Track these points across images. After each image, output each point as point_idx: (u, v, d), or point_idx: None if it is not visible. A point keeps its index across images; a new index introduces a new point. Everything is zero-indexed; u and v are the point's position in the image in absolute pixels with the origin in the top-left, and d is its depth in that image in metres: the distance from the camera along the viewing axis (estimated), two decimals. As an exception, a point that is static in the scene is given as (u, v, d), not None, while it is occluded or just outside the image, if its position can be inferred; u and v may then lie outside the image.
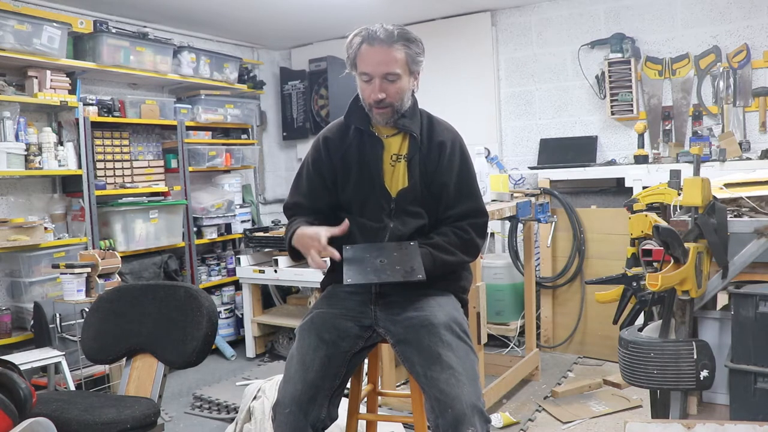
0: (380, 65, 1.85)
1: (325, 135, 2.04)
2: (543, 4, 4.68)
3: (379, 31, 1.85)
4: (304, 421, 1.73)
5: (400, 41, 1.85)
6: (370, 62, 1.85)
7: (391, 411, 3.25)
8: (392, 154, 1.98)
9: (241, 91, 5.09)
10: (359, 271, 1.80)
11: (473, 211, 1.97)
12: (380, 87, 1.86)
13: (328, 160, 2.00)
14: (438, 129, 2.00)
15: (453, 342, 1.78)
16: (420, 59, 1.90)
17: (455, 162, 1.97)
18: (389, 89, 1.87)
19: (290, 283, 4.51)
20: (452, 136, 2.00)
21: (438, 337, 1.77)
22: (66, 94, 3.77)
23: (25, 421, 1.71)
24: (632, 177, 4.02)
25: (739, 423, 1.79)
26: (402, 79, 1.88)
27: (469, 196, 1.98)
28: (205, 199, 4.70)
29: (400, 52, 1.86)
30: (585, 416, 3.15)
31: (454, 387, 1.67)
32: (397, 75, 1.86)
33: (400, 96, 1.89)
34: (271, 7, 4.42)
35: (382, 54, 1.84)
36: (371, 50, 1.85)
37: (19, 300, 3.62)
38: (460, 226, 1.94)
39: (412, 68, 1.90)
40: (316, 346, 1.83)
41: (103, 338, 2.36)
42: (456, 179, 1.96)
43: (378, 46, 1.85)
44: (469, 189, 1.98)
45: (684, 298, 1.97)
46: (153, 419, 2.08)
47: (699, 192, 1.98)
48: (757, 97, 3.98)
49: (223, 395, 3.54)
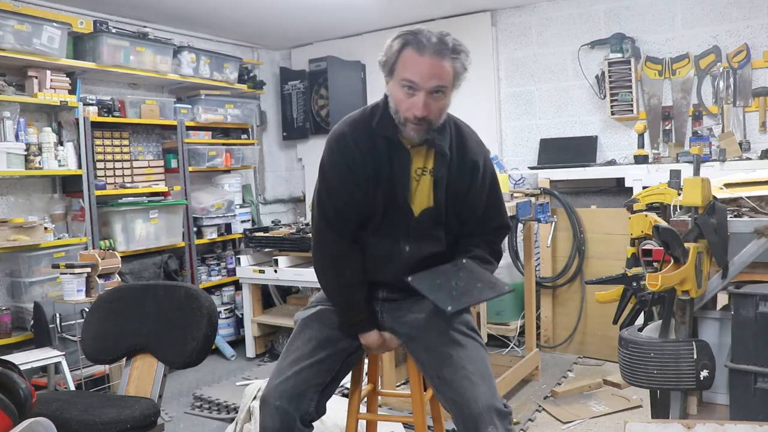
0: (431, 78, 1.66)
1: (355, 139, 1.78)
2: (543, 4, 4.68)
3: (431, 38, 1.66)
4: (293, 414, 1.74)
5: (453, 52, 1.67)
6: (418, 72, 1.66)
7: (391, 411, 3.25)
8: (417, 167, 1.81)
9: (241, 91, 5.09)
10: (454, 297, 1.70)
11: (500, 227, 1.93)
12: (425, 102, 1.67)
13: (363, 169, 1.77)
14: (469, 145, 1.84)
15: (462, 340, 1.77)
16: (463, 78, 1.73)
17: (486, 183, 1.86)
18: (432, 106, 1.69)
19: (290, 283, 4.50)
20: (483, 152, 1.87)
21: (447, 337, 1.77)
22: (66, 94, 3.76)
23: (25, 421, 1.71)
24: (632, 177, 4.02)
25: (739, 423, 1.79)
26: (447, 95, 1.71)
27: (497, 214, 1.92)
28: (205, 199, 4.70)
29: (450, 65, 1.68)
30: (585, 416, 3.15)
31: (468, 388, 1.67)
32: (445, 90, 1.69)
33: (440, 114, 1.73)
34: (271, 7, 4.42)
35: (433, 65, 1.65)
36: (420, 60, 1.66)
37: (19, 300, 3.62)
38: (489, 239, 1.90)
39: (456, 83, 1.73)
40: (315, 343, 1.83)
41: (103, 338, 2.36)
42: (486, 201, 1.87)
43: (429, 57, 1.65)
44: (498, 207, 1.92)
45: (684, 298, 1.97)
46: (153, 419, 2.08)
47: (699, 192, 1.98)
48: (757, 97, 3.98)
49: (223, 395, 3.54)
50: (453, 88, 1.72)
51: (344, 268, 1.84)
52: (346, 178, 1.79)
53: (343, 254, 1.84)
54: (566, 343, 4.20)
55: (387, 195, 1.78)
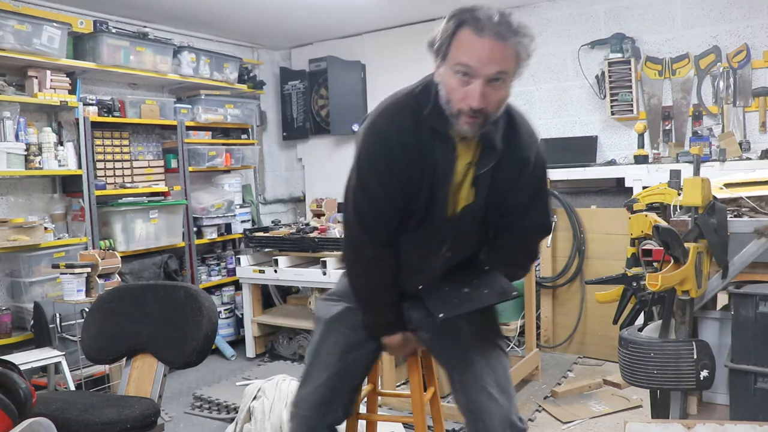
0: (491, 63, 1.43)
1: (398, 133, 1.56)
2: (543, 4, 4.68)
3: (492, 16, 1.42)
4: (320, 424, 1.75)
5: (517, 34, 1.44)
6: (476, 56, 1.43)
7: (391, 411, 3.25)
8: (465, 162, 1.61)
9: (241, 91, 5.09)
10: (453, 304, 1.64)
11: (541, 227, 1.76)
12: (482, 92, 1.44)
13: (407, 170, 1.56)
14: (521, 137, 1.62)
15: (487, 348, 1.73)
16: (529, 59, 1.50)
17: (533, 180, 1.66)
18: (491, 96, 1.46)
19: (290, 283, 4.50)
20: (535, 145, 1.65)
21: (472, 343, 1.73)
22: (66, 94, 3.76)
23: (25, 421, 1.71)
24: (632, 177, 4.02)
25: (739, 423, 1.79)
26: (507, 83, 1.49)
27: (539, 212, 1.71)
28: (205, 199, 4.70)
29: (513, 49, 1.44)
30: (585, 416, 3.15)
31: (485, 401, 1.66)
32: (505, 77, 1.47)
33: (499, 105, 1.50)
34: (271, 7, 4.42)
35: (494, 49, 1.42)
36: (479, 42, 1.42)
37: (19, 300, 3.61)
38: (524, 239, 1.74)
39: (519, 68, 1.50)
40: (343, 348, 1.77)
41: (103, 338, 2.37)
42: (531, 197, 1.67)
43: (489, 38, 1.42)
44: (541, 206, 1.72)
45: (684, 298, 1.97)
46: (153, 419, 2.08)
47: (699, 192, 1.98)
48: (757, 97, 3.98)
49: (223, 395, 3.54)
50: (514, 76, 1.49)
51: (376, 272, 1.69)
52: (385, 178, 1.58)
53: (377, 258, 1.68)
54: (566, 343, 4.20)
55: (429, 194, 1.59)
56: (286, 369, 4.00)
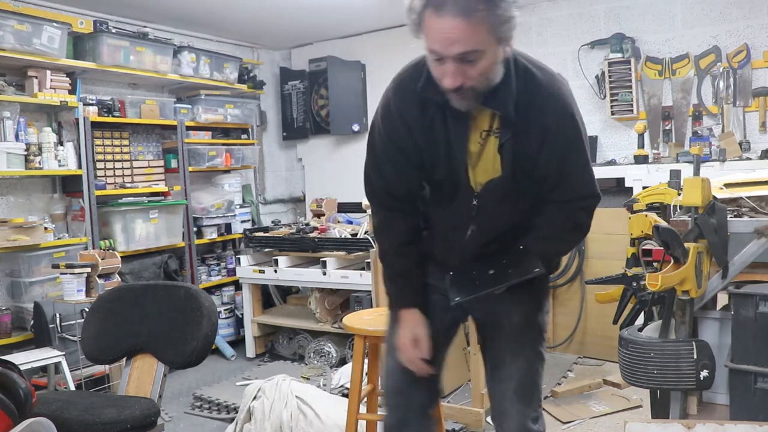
0: (454, 44, 1.33)
1: (398, 107, 1.54)
2: (543, 4, 4.68)
3: None
4: (408, 410, 1.78)
5: (482, 3, 1.31)
6: (438, 39, 1.35)
7: (391, 411, 3.24)
8: (482, 130, 1.52)
9: (241, 91, 5.09)
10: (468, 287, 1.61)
11: (587, 196, 1.60)
12: (455, 71, 1.37)
13: (411, 139, 1.55)
14: (540, 99, 1.48)
15: (520, 350, 1.70)
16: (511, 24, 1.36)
17: (559, 148, 1.50)
18: (469, 72, 1.37)
19: (290, 283, 4.51)
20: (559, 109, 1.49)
21: (507, 342, 1.71)
22: (66, 94, 3.76)
23: (25, 421, 1.71)
24: (632, 177, 4.02)
25: (739, 423, 1.79)
26: (486, 55, 1.36)
27: (576, 183, 1.57)
28: (205, 199, 4.70)
29: (481, 22, 1.32)
30: (585, 416, 3.15)
31: (508, 402, 1.68)
32: (478, 53, 1.35)
33: (485, 77, 1.40)
34: (271, 7, 4.42)
35: (454, 29, 1.32)
36: (439, 23, 1.32)
37: (19, 300, 3.61)
38: (569, 209, 1.59)
39: (500, 35, 1.36)
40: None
41: (103, 338, 2.37)
42: (561, 168, 1.53)
43: (448, 17, 1.31)
44: (577, 175, 1.56)
45: (684, 298, 1.97)
46: (153, 419, 2.08)
47: (699, 192, 1.98)
48: (757, 97, 3.98)
49: (223, 395, 3.54)
50: (496, 43, 1.37)
51: (385, 237, 1.71)
52: (389, 150, 1.58)
53: (384, 223, 1.70)
54: (566, 343, 4.20)
55: (449, 166, 1.54)
56: (286, 369, 4.01)
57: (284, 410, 2.74)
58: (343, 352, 4.02)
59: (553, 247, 1.65)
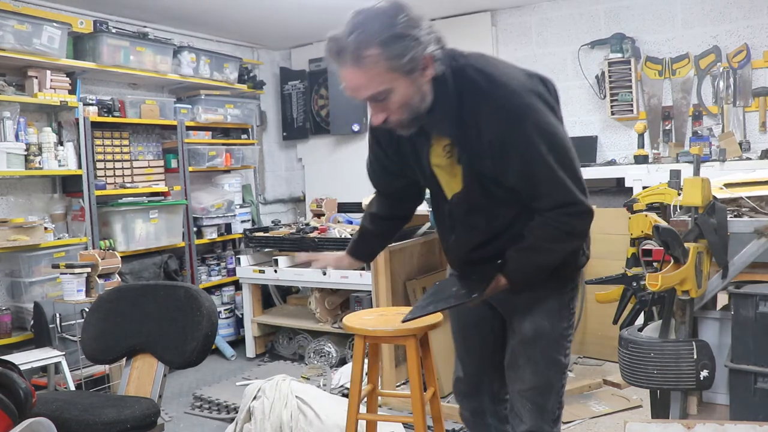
0: (357, 91, 1.46)
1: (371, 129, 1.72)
2: (543, 4, 4.68)
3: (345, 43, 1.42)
4: (477, 401, 1.93)
5: (369, 49, 1.39)
6: (348, 88, 1.47)
7: (391, 411, 3.25)
8: (444, 144, 1.58)
9: (241, 91, 5.09)
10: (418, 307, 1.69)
11: (560, 204, 1.52)
12: (375, 109, 1.49)
13: (384, 153, 1.72)
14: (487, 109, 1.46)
15: (533, 356, 1.70)
16: (411, 55, 1.40)
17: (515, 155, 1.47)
18: (387, 107, 1.47)
19: (290, 283, 4.50)
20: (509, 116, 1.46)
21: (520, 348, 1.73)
22: (66, 94, 3.76)
23: (25, 421, 1.71)
24: (632, 177, 4.02)
25: (739, 423, 1.79)
26: (396, 90, 1.44)
27: (552, 189, 1.51)
28: (205, 199, 4.70)
29: (374, 66, 1.40)
30: (585, 416, 3.15)
31: (520, 404, 1.74)
32: (384, 92, 1.44)
33: (405, 108, 1.47)
34: (271, 7, 4.42)
35: (353, 78, 1.44)
36: (343, 72, 1.45)
37: (19, 300, 3.61)
38: (552, 218, 1.54)
39: (405, 69, 1.42)
40: (463, 335, 1.91)
41: (103, 338, 2.36)
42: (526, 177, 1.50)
43: (346, 68, 1.43)
44: (549, 180, 1.49)
45: (684, 298, 1.97)
46: (153, 419, 2.08)
47: (699, 192, 1.97)
48: (757, 97, 3.98)
49: (223, 395, 3.54)
50: (408, 74, 1.42)
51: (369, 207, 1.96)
52: (375, 149, 1.76)
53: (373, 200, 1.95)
54: (566, 343, 4.19)
55: (422, 175, 1.67)
56: (286, 369, 4.01)
57: (284, 410, 2.74)
58: (343, 352, 4.02)
59: (536, 258, 1.58)
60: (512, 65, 1.58)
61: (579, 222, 1.57)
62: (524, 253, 1.57)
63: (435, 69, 1.46)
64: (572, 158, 1.54)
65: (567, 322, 1.72)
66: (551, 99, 1.57)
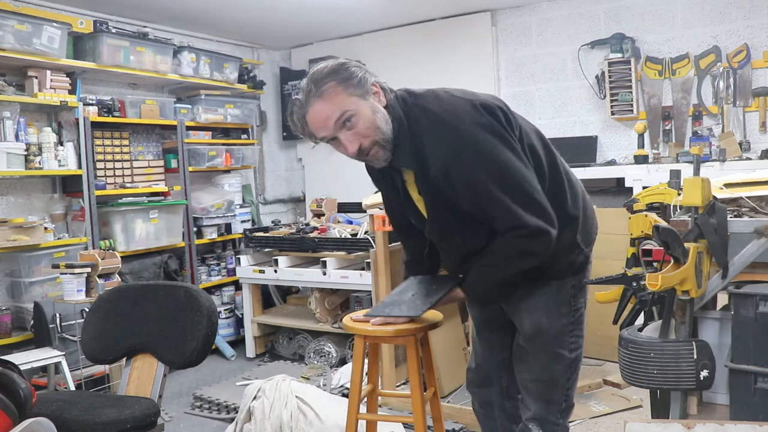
0: (326, 121, 1.61)
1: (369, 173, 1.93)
2: (543, 4, 4.68)
3: (305, 90, 1.62)
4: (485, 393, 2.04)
5: (325, 81, 1.60)
6: (316, 127, 1.64)
7: (391, 411, 3.25)
8: (413, 181, 1.76)
9: (241, 91, 5.09)
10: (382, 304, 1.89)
11: (511, 227, 1.63)
12: (347, 138, 1.62)
13: (385, 194, 1.96)
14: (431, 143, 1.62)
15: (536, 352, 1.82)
16: (359, 77, 1.62)
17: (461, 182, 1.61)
18: (358, 132, 1.61)
19: (290, 283, 4.51)
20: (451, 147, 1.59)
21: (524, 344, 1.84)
22: (66, 94, 3.76)
23: (25, 421, 1.71)
24: (632, 177, 4.02)
25: (739, 423, 1.79)
26: (359, 113, 1.60)
27: (501, 212, 1.61)
28: (205, 199, 4.70)
29: (334, 92, 1.60)
30: (585, 416, 3.15)
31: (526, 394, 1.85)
32: (349, 114, 1.60)
33: (374, 128, 1.62)
34: (271, 7, 4.42)
35: (319, 111, 1.61)
36: (312, 113, 1.62)
37: (19, 300, 3.62)
38: (508, 238, 1.65)
39: (359, 92, 1.61)
40: (478, 329, 2.04)
41: (103, 338, 2.37)
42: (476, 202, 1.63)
43: (313, 106, 1.61)
44: (497, 204, 1.60)
45: (684, 298, 1.97)
46: (153, 419, 2.08)
47: (699, 192, 1.97)
48: (757, 97, 3.98)
49: (223, 395, 3.54)
50: (362, 97, 1.61)
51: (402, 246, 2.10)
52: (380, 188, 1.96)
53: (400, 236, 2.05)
54: (566, 343, 4.19)
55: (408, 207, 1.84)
56: (286, 369, 4.01)
57: (284, 410, 2.74)
58: (343, 352, 4.02)
59: (494, 275, 1.71)
60: (461, 98, 1.65)
61: (531, 243, 1.64)
62: (483, 270, 1.72)
63: (386, 96, 1.66)
64: (520, 182, 1.61)
65: (568, 319, 1.82)
66: (498, 126, 1.62)
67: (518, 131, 1.67)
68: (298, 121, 1.66)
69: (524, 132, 1.70)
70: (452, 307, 3.55)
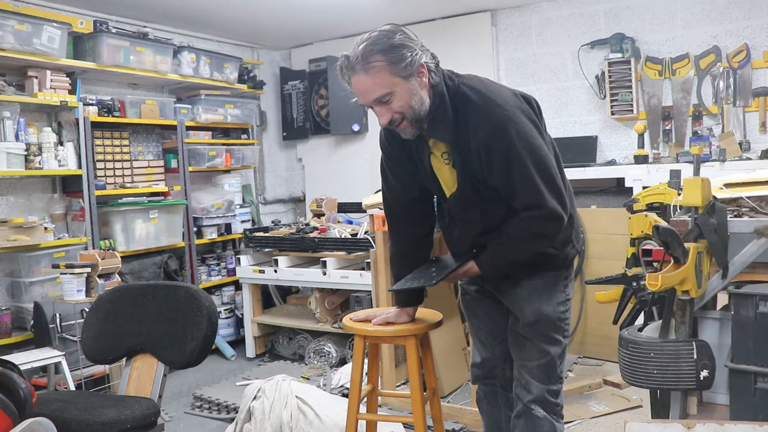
0: (365, 95, 1.74)
1: (382, 139, 1.96)
2: (543, 4, 4.68)
3: (353, 56, 1.72)
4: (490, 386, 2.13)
5: (374, 56, 1.69)
6: (358, 93, 1.76)
7: (391, 411, 3.25)
8: (443, 152, 1.84)
9: (241, 91, 5.09)
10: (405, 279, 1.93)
11: (530, 206, 1.74)
12: (381, 112, 1.74)
13: (394, 156, 1.95)
14: (475, 119, 1.73)
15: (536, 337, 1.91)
16: (408, 60, 1.69)
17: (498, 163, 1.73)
18: (394, 107, 1.73)
19: (290, 283, 4.51)
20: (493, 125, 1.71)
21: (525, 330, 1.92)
22: (66, 94, 3.76)
23: (25, 421, 1.71)
24: (632, 177, 4.02)
25: (739, 423, 1.79)
26: (396, 93, 1.71)
27: (525, 191, 1.73)
28: (205, 199, 4.70)
29: (379, 71, 1.69)
30: (585, 416, 3.15)
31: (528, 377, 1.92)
32: (387, 95, 1.71)
33: (408, 107, 1.72)
34: (271, 7, 4.42)
35: (363, 82, 1.72)
36: (355, 80, 1.74)
37: (19, 300, 3.62)
38: (524, 218, 1.76)
39: (404, 74, 1.70)
40: (476, 325, 2.13)
41: (103, 338, 2.37)
42: (505, 179, 1.74)
43: (357, 75, 1.72)
44: (524, 183, 1.72)
45: (684, 298, 1.97)
46: (153, 419, 2.09)
47: (699, 192, 1.97)
48: (757, 97, 3.98)
49: (223, 395, 3.54)
50: (406, 78, 1.70)
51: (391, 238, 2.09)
52: (384, 163, 1.99)
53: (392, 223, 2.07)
54: (566, 343, 4.19)
55: (426, 178, 1.89)
56: (286, 369, 4.01)
57: (284, 410, 2.75)
58: (343, 352, 4.02)
59: (506, 253, 1.84)
60: (501, 85, 1.85)
61: (546, 225, 1.77)
62: (497, 248, 1.84)
63: (431, 78, 1.75)
64: (549, 166, 1.75)
65: (563, 307, 1.95)
66: (533, 115, 1.80)
67: (543, 124, 1.86)
68: (343, 75, 1.76)
69: (545, 127, 1.88)
70: (452, 307, 3.55)
